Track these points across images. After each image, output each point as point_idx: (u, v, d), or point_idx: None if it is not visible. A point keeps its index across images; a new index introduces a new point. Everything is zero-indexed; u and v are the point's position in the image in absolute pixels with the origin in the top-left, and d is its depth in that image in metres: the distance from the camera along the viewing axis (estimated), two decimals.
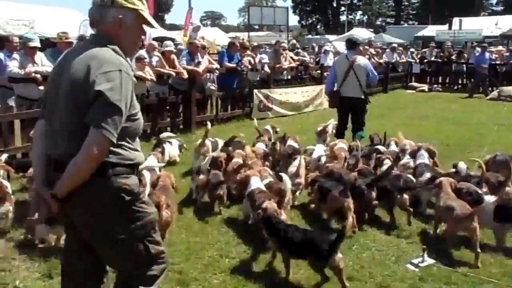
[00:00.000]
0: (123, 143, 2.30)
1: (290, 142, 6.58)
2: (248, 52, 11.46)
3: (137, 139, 2.46)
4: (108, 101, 2.15)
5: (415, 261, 3.93)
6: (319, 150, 6.42)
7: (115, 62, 2.25)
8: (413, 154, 6.00)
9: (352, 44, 8.08)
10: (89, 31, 17.99)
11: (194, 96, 9.50)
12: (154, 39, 17.73)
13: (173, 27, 47.78)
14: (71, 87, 2.23)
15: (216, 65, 10.52)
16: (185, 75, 9.24)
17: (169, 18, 77.14)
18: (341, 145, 6.54)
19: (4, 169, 5.01)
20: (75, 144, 2.18)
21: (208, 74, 10.17)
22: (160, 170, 5.53)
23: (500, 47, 20.37)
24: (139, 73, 8.48)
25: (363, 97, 7.69)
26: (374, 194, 4.74)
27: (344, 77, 7.61)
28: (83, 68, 2.20)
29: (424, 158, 5.77)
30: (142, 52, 8.94)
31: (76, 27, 18.29)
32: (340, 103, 7.80)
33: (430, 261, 3.93)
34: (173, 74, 9.18)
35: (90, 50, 2.27)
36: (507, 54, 18.38)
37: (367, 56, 11.68)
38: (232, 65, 10.76)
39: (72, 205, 2.29)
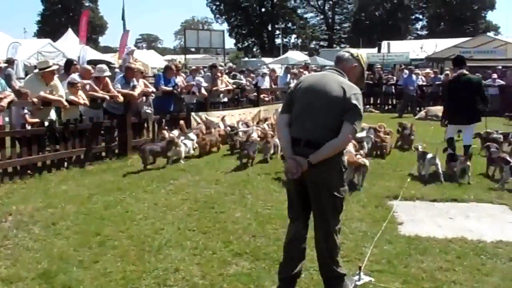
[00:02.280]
0: None
1: None
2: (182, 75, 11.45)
3: None
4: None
5: (352, 279, 4.01)
6: None
7: None
8: None
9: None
10: (18, 54, 17.42)
11: (129, 120, 9.31)
12: (89, 62, 17.46)
13: (107, 50, 47.02)
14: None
15: (152, 89, 10.40)
16: (120, 99, 9.07)
17: (103, 41, 75.79)
18: None
19: None
20: (330, 132, 3.36)
21: (144, 97, 10.03)
22: None
23: (427, 70, 21.62)
24: (72, 97, 8.25)
25: None
26: None
27: None
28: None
29: None
30: (75, 76, 8.72)
31: (4, 50, 17.56)
32: None
33: (366, 278, 4.02)
34: (108, 98, 8.99)
35: None
36: (433, 76, 19.48)
37: None
38: (169, 88, 10.69)
39: (316, 168, 3.35)
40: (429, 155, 7.49)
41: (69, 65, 10.29)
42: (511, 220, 5.63)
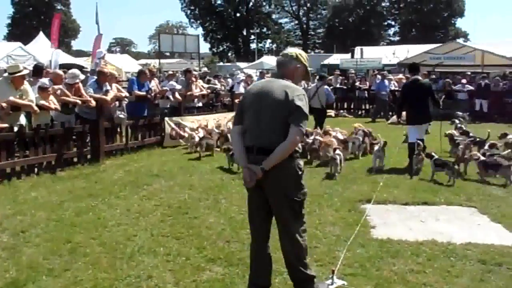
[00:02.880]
0: None
1: None
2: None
3: None
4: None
5: (325, 283, 4.03)
6: None
7: None
8: None
9: (321, 77, 12.82)
10: None
11: (102, 125, 9.18)
12: (61, 66, 17.15)
13: (80, 53, 46.31)
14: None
15: (125, 93, 10.30)
16: (93, 104, 8.95)
17: (76, 44, 74.73)
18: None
19: None
20: (280, 137, 3.40)
21: (117, 102, 9.93)
22: None
23: (400, 75, 21.97)
24: (42, 102, 8.11)
25: (321, 108, 11.63)
26: None
27: (312, 95, 11.38)
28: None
29: None
30: (45, 81, 8.57)
31: None
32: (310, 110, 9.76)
33: (339, 282, 4.05)
34: (79, 102, 8.86)
35: None
36: (405, 81, 19.76)
37: None
38: (142, 93, 10.60)
39: (271, 174, 3.39)
40: (376, 147, 8.79)
41: (38, 70, 10.12)
42: (479, 222, 5.76)
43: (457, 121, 12.46)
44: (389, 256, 4.60)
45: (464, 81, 18.83)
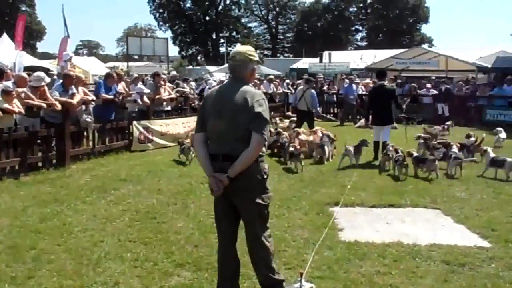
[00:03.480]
0: None
1: None
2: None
3: None
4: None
5: (293, 286, 4.05)
6: None
7: None
8: None
9: (307, 81, 13.26)
10: None
11: (68, 129, 9.01)
12: (26, 68, 16.72)
13: (46, 56, 45.32)
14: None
15: (92, 97, 10.14)
16: (58, 107, 8.76)
17: (41, 46, 72.99)
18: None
19: None
20: (243, 143, 3.37)
21: (83, 105, 9.75)
22: None
23: (367, 80, 22.35)
24: (5, 105, 7.90)
25: (307, 110, 12.35)
26: None
27: (299, 98, 12.46)
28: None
29: None
30: (9, 84, 8.35)
31: None
32: (297, 112, 12.96)
33: (308, 285, 4.07)
34: (45, 106, 8.66)
35: None
36: (372, 85, 20.12)
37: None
38: (109, 96, 10.45)
39: (236, 178, 3.38)
40: (347, 146, 9.34)
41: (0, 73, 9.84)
42: (443, 223, 5.91)
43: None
44: (357, 258, 4.66)
45: (428, 85, 19.29)
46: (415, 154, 8.65)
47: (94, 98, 10.20)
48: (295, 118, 13.11)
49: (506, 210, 6.33)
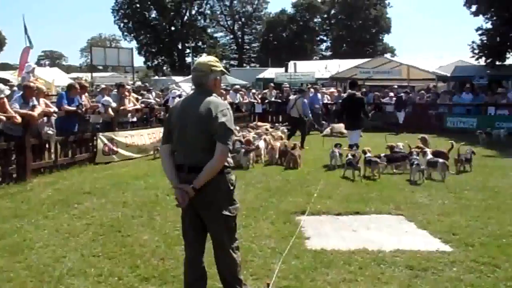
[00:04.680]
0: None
1: None
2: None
3: None
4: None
5: None
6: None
7: None
8: None
9: (300, 91, 15.21)
10: None
11: (29, 142, 8.77)
12: None
13: (6, 67, 44.13)
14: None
15: (54, 108, 9.91)
16: (18, 120, 8.52)
17: (1, 57, 70.99)
18: None
19: None
20: (208, 154, 3.37)
21: (45, 117, 9.52)
22: None
23: (332, 89, 22.70)
24: None
25: (298, 117, 13.56)
26: None
27: (292, 106, 13.71)
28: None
29: None
30: None
31: None
32: (290, 119, 14.32)
33: None
34: (4, 119, 8.41)
35: None
36: (337, 95, 20.46)
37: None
38: (72, 108, 10.25)
39: (202, 190, 3.38)
40: (334, 149, 10.27)
41: None
42: (407, 229, 6.02)
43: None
44: (323, 266, 4.69)
45: (391, 94, 19.73)
46: (368, 155, 9.35)
47: (56, 109, 9.97)
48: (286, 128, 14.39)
49: (466, 214, 6.52)
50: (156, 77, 48.54)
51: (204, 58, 3.73)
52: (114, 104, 11.48)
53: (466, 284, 4.28)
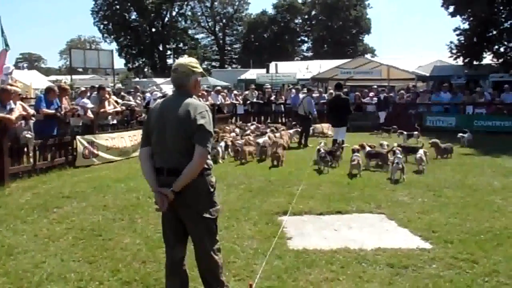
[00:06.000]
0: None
1: None
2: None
3: None
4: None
5: None
6: None
7: None
8: None
9: (308, 90, 15.89)
10: None
11: (6, 146, 8.62)
12: None
13: None
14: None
15: (32, 112, 9.76)
16: None
17: None
18: None
19: None
20: (187, 157, 3.34)
21: (23, 121, 9.37)
22: None
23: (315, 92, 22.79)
24: None
25: (304, 114, 14.62)
26: None
27: (299, 104, 14.99)
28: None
29: None
30: None
31: None
32: (296, 116, 15.80)
33: None
34: None
35: None
36: (318, 95, 20.55)
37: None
38: (51, 111, 10.10)
39: (182, 193, 3.36)
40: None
41: None
42: (388, 228, 6.08)
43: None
44: (305, 266, 4.71)
45: (372, 94, 19.91)
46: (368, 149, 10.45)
47: (34, 113, 9.83)
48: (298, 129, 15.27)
49: (445, 212, 6.62)
50: (137, 79, 48.15)
51: (184, 59, 3.66)
52: (90, 105, 11.36)
53: (446, 280, 4.35)
